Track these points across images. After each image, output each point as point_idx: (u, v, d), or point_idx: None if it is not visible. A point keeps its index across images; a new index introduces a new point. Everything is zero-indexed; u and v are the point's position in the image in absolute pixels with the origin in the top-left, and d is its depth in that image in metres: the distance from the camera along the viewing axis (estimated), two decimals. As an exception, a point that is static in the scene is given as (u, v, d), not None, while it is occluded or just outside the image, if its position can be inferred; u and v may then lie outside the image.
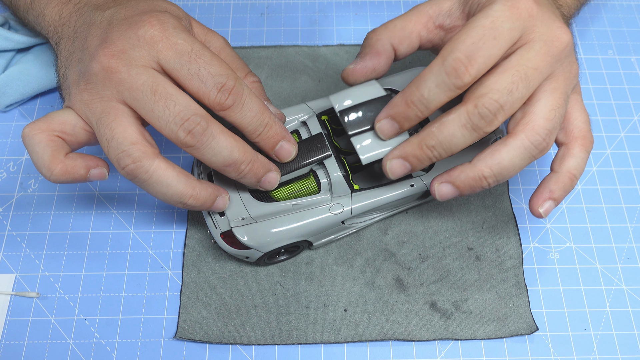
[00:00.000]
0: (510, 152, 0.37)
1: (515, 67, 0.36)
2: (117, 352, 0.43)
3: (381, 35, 0.41)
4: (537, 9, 0.36)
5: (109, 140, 0.36)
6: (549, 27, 0.36)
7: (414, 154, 0.38)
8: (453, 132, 0.36)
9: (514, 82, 0.35)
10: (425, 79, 0.36)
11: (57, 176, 0.37)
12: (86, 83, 0.37)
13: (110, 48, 0.36)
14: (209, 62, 0.36)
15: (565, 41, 0.37)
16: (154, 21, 0.37)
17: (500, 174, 0.37)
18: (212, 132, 0.36)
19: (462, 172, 0.38)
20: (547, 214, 0.39)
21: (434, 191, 0.39)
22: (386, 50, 0.41)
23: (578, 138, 0.39)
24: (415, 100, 0.37)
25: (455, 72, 0.35)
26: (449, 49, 0.35)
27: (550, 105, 0.37)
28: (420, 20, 0.41)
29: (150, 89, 0.35)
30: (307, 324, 0.44)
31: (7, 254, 0.47)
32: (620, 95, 0.55)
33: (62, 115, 0.38)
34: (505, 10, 0.36)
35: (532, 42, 0.36)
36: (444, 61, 0.35)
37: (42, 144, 0.37)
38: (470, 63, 0.35)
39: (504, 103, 0.35)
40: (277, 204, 0.42)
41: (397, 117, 0.38)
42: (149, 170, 0.36)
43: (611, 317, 0.45)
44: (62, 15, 0.42)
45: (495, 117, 0.36)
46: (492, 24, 0.35)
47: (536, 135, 0.36)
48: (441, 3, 0.41)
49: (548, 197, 0.39)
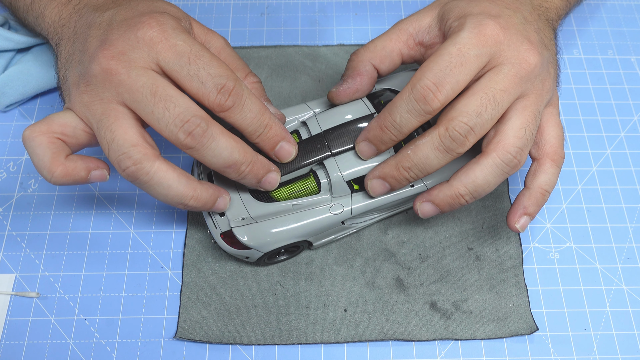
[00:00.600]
0: (484, 171, 0.38)
1: (483, 90, 0.37)
2: (117, 352, 0.43)
3: (362, 57, 0.44)
4: (503, 34, 0.38)
5: (109, 142, 0.36)
6: (516, 51, 0.38)
7: (391, 175, 0.40)
8: (427, 154, 0.38)
9: (482, 105, 0.37)
10: (396, 106, 0.38)
11: (57, 178, 0.37)
12: (86, 85, 0.37)
13: (110, 50, 0.36)
14: (209, 63, 0.36)
15: (532, 62, 0.38)
16: (153, 22, 0.37)
17: (476, 191, 0.39)
18: (212, 134, 0.36)
19: (440, 191, 0.40)
20: (523, 228, 0.41)
21: (416, 209, 0.41)
22: (367, 71, 0.43)
23: (549, 154, 0.41)
24: (389, 125, 0.39)
25: (424, 99, 0.37)
26: (418, 76, 0.37)
27: (519, 123, 0.38)
28: (400, 38, 0.43)
29: (150, 91, 0.35)
30: (307, 324, 0.44)
31: (7, 254, 0.47)
32: (620, 95, 0.55)
33: (62, 117, 0.38)
34: (472, 37, 0.37)
35: (500, 65, 0.38)
36: (413, 88, 0.37)
37: (43, 146, 0.37)
38: (438, 90, 0.36)
39: (474, 125, 0.37)
40: (277, 204, 0.43)
41: (373, 140, 0.40)
42: (150, 172, 0.36)
43: (611, 317, 0.45)
44: (61, 17, 0.42)
45: (467, 138, 0.37)
46: (459, 51, 0.37)
47: (507, 153, 0.38)
48: (421, 20, 0.43)
49: (522, 213, 0.41)
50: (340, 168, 0.42)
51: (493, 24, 0.38)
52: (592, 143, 0.53)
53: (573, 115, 0.54)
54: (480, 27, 0.38)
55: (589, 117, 0.54)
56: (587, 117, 0.54)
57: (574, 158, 0.52)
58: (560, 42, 0.58)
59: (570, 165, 0.52)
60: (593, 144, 0.53)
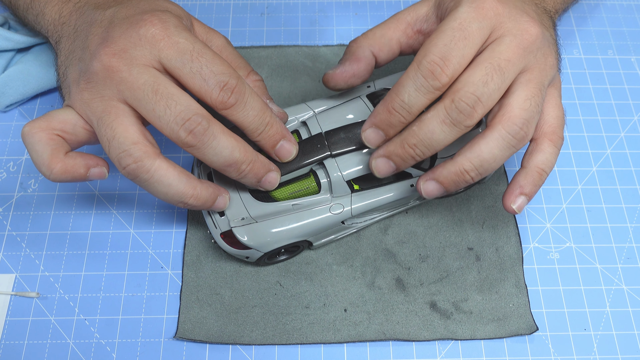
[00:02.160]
0: (489, 144, 0.37)
1: (487, 60, 0.36)
2: (117, 352, 0.43)
3: (361, 43, 0.43)
4: (501, 7, 0.37)
5: (110, 139, 0.36)
6: (516, 22, 0.38)
7: (396, 153, 0.39)
8: (433, 128, 0.37)
9: (487, 74, 0.36)
10: (404, 85, 0.37)
11: (56, 175, 0.37)
12: (87, 82, 0.37)
13: (111, 47, 0.36)
14: (211, 61, 0.36)
15: (534, 33, 0.38)
16: (155, 20, 0.37)
17: (482, 167, 0.38)
18: (213, 132, 0.36)
19: (444, 168, 0.39)
20: (520, 209, 0.40)
21: (419, 189, 0.40)
22: (366, 56, 0.43)
23: (547, 133, 0.40)
24: (397, 106, 0.37)
25: (432, 74, 0.36)
26: (422, 53, 0.37)
27: (524, 95, 0.37)
28: (399, 27, 0.43)
29: (152, 89, 0.35)
30: (307, 324, 0.44)
31: (7, 254, 0.47)
32: (620, 95, 0.55)
33: (62, 114, 0.38)
34: (471, 11, 0.37)
35: (501, 37, 0.37)
36: (419, 65, 0.36)
37: (42, 143, 0.37)
38: (445, 64, 0.36)
39: (481, 95, 0.36)
40: (277, 204, 0.43)
41: (380, 125, 0.39)
42: (150, 170, 0.36)
43: (611, 317, 0.45)
44: (62, 14, 0.42)
45: (474, 109, 0.36)
46: (460, 25, 0.36)
47: (513, 125, 0.37)
48: (418, 9, 0.43)
49: (519, 192, 0.40)
50: (340, 168, 0.42)
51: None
52: (592, 143, 0.53)
53: (573, 115, 0.54)
54: (477, 2, 0.37)
55: (589, 117, 0.54)
56: (587, 117, 0.54)
57: (574, 158, 0.52)
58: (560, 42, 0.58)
59: (570, 165, 0.52)
60: (593, 144, 0.53)
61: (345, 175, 0.42)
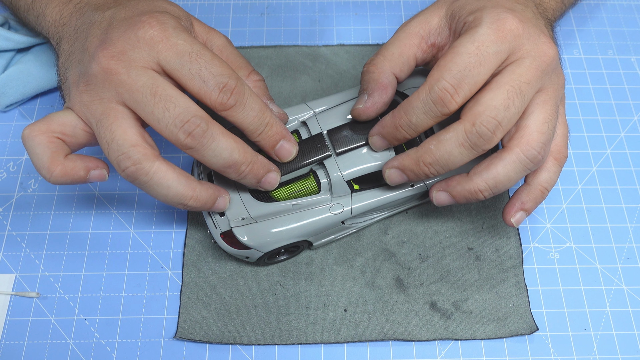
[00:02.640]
0: (506, 167, 0.38)
1: (509, 83, 0.36)
2: (117, 352, 0.43)
3: (383, 67, 0.41)
4: (522, 28, 0.37)
5: (109, 142, 0.36)
6: (535, 44, 0.37)
7: (411, 169, 0.39)
8: (450, 150, 0.37)
9: (509, 98, 0.36)
10: (413, 106, 0.37)
11: (56, 178, 0.37)
12: (86, 84, 0.37)
13: (110, 49, 0.36)
14: (210, 62, 0.36)
15: (551, 55, 0.38)
16: (153, 22, 0.36)
17: (496, 187, 0.38)
18: (212, 134, 0.36)
19: (458, 184, 0.39)
20: (518, 223, 0.41)
21: (432, 197, 0.41)
22: (391, 82, 0.42)
23: (553, 152, 0.40)
24: (404, 124, 0.38)
25: (441, 102, 0.36)
26: (436, 76, 0.36)
27: (542, 118, 0.37)
28: (413, 42, 0.42)
29: (150, 91, 0.35)
30: (307, 324, 0.44)
31: (7, 254, 0.47)
32: (620, 95, 0.55)
33: (62, 117, 0.38)
34: (491, 34, 0.36)
35: (521, 59, 0.37)
36: (430, 90, 0.36)
37: (42, 146, 0.37)
38: (457, 92, 0.36)
39: (502, 119, 0.36)
40: (277, 204, 0.42)
41: (386, 136, 0.40)
42: (149, 173, 0.36)
43: (611, 317, 0.45)
44: (62, 15, 0.42)
45: (494, 134, 0.36)
46: (478, 49, 0.36)
47: (531, 149, 0.37)
48: (429, 20, 0.42)
49: (520, 207, 0.41)
50: (340, 168, 0.42)
51: (512, 18, 0.37)
52: (592, 143, 0.53)
53: (573, 115, 0.54)
54: (499, 22, 0.37)
55: (589, 117, 0.54)
56: (587, 117, 0.54)
57: (574, 158, 0.52)
58: (560, 42, 0.58)
59: (570, 165, 0.52)
60: (593, 144, 0.53)
61: (345, 175, 0.42)
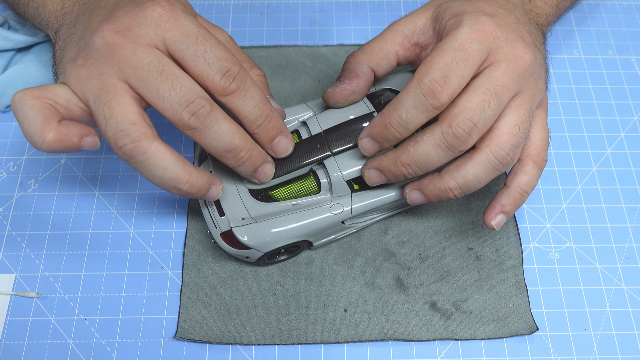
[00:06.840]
0: (475, 167, 0.38)
1: (485, 86, 0.37)
2: (117, 352, 0.43)
3: (359, 59, 0.43)
4: (500, 31, 0.38)
5: (107, 118, 0.35)
6: (512, 48, 0.38)
7: (389, 169, 0.40)
8: (428, 151, 0.38)
9: (485, 100, 0.37)
10: (402, 101, 0.37)
11: (49, 144, 0.35)
12: (85, 59, 0.36)
13: (115, 24, 0.36)
14: (216, 46, 0.36)
15: (528, 60, 0.38)
16: (162, 1, 0.36)
17: (466, 186, 0.39)
18: (215, 116, 0.36)
19: (430, 182, 0.40)
20: (499, 226, 0.41)
21: (405, 195, 0.42)
22: (365, 73, 0.43)
23: (532, 155, 0.41)
24: (394, 122, 0.38)
25: (432, 93, 0.36)
26: (424, 70, 0.37)
27: (514, 120, 0.38)
28: (396, 39, 0.43)
29: (157, 69, 0.35)
30: (307, 324, 0.44)
31: (7, 254, 0.47)
32: (620, 95, 0.55)
33: (56, 88, 0.36)
34: (472, 32, 0.37)
35: (498, 62, 0.38)
36: (420, 82, 0.36)
37: (35, 109, 0.35)
38: (446, 83, 0.36)
39: (477, 121, 0.36)
40: (277, 204, 0.43)
41: (376, 137, 0.40)
42: (147, 152, 0.35)
43: (611, 317, 0.45)
44: (64, 5, 0.42)
45: (470, 135, 0.37)
46: (462, 45, 0.37)
47: (500, 150, 0.38)
48: (415, 20, 0.43)
49: (500, 210, 0.41)
50: (340, 168, 0.42)
51: (490, 21, 0.38)
52: (592, 143, 0.53)
53: (573, 115, 0.54)
54: (478, 24, 0.37)
55: (589, 117, 0.54)
56: (587, 117, 0.54)
57: (574, 158, 0.52)
58: (560, 42, 0.58)
59: (570, 165, 0.52)
60: (593, 144, 0.53)
61: (345, 175, 0.42)
